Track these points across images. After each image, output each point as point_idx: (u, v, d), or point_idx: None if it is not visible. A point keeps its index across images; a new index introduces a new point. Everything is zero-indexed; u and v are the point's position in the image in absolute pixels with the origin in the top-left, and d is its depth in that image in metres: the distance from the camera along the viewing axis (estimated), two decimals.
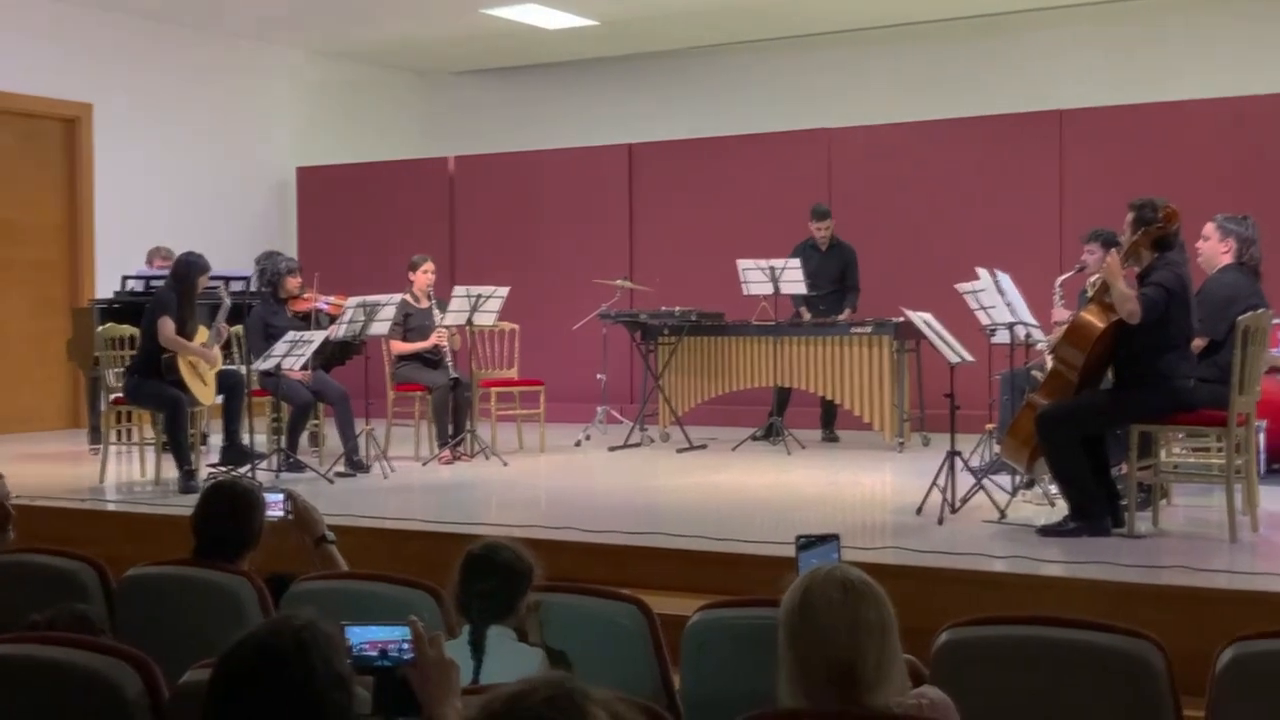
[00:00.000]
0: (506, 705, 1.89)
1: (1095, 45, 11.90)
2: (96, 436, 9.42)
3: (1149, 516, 6.21)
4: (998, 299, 7.25)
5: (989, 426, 7.89)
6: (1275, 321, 7.28)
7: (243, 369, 8.49)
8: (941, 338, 6.97)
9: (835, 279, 10.03)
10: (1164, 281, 5.89)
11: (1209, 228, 6.76)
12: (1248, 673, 3.05)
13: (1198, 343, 6.23)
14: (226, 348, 8.83)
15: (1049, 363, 6.66)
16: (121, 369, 8.55)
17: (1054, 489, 6.49)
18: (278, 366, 8.10)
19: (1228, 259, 6.66)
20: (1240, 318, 6.01)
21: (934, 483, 6.58)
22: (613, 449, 9.58)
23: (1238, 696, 3.05)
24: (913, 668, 3.12)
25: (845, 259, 10.05)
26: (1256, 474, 6.31)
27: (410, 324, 9.19)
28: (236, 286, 9.61)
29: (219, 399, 8.30)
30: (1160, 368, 5.94)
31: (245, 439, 8.28)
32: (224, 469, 8.08)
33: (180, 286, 8.01)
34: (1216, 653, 3.10)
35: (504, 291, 9.11)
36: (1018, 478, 6.84)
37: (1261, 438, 7.20)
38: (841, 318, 9.69)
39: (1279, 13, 11.27)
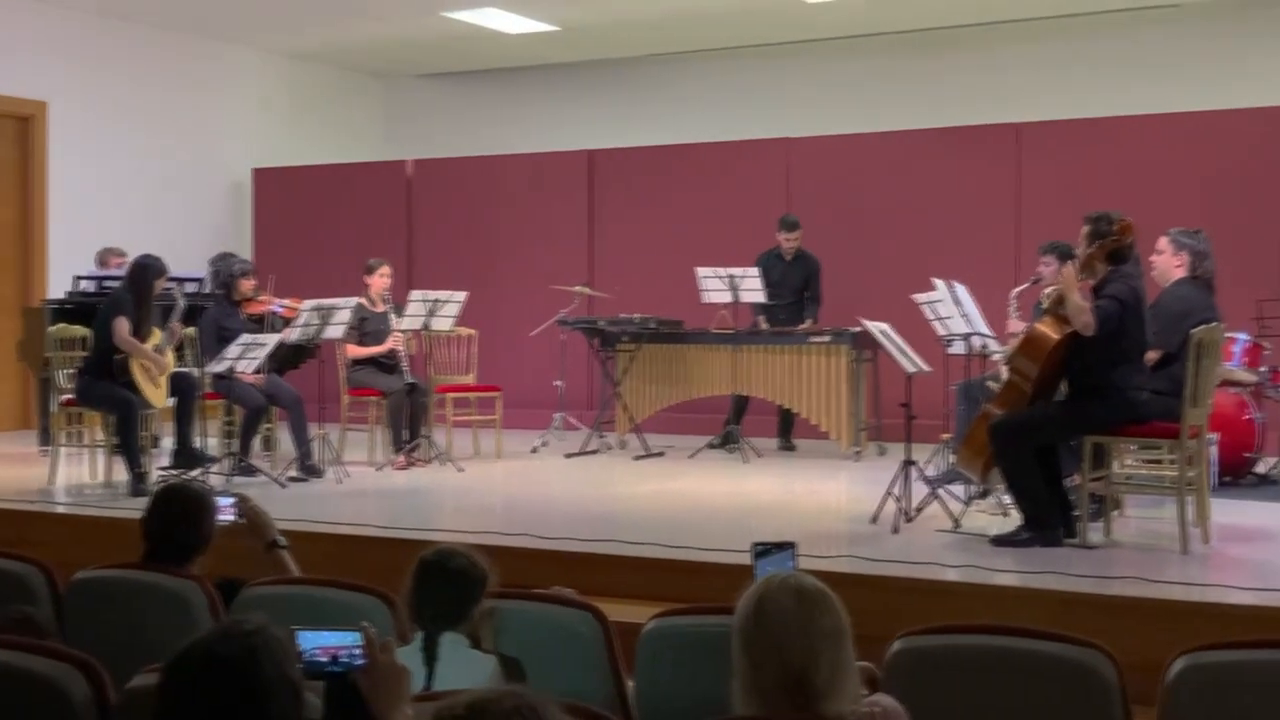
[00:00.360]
0: (469, 711, 1.88)
1: (1052, 60, 11.99)
2: (46, 438, 9.31)
3: (1101, 527, 6.25)
4: (954, 310, 7.29)
5: (944, 436, 7.92)
6: (1228, 335, 7.36)
7: (195, 371, 8.42)
8: (898, 348, 7.00)
9: (798, 289, 10.05)
10: (1118, 294, 5.93)
11: (1162, 242, 6.83)
12: (1198, 683, 3.07)
13: (1151, 355, 6.28)
14: (179, 349, 8.76)
15: (1004, 374, 6.70)
16: (73, 370, 8.46)
17: (1008, 499, 6.52)
18: (231, 369, 8.04)
19: (1181, 273, 6.73)
20: (1193, 331, 6.06)
21: (889, 492, 6.61)
22: (569, 456, 9.56)
23: (1188, 707, 3.07)
24: (869, 674, 3.12)
25: (809, 270, 10.07)
26: (1208, 486, 6.35)
27: (366, 328, 9.14)
28: (190, 288, 9.55)
29: (171, 402, 8.23)
30: (1114, 380, 5.98)
31: (197, 442, 8.21)
32: (175, 472, 8.00)
33: (136, 288, 7.94)
34: (1167, 663, 3.12)
35: (461, 296, 9.08)
36: (972, 487, 6.87)
37: (1213, 450, 7.26)
38: (803, 328, 9.71)
39: (1233, 30, 11.40)
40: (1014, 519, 6.24)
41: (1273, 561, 6.11)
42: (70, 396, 8.34)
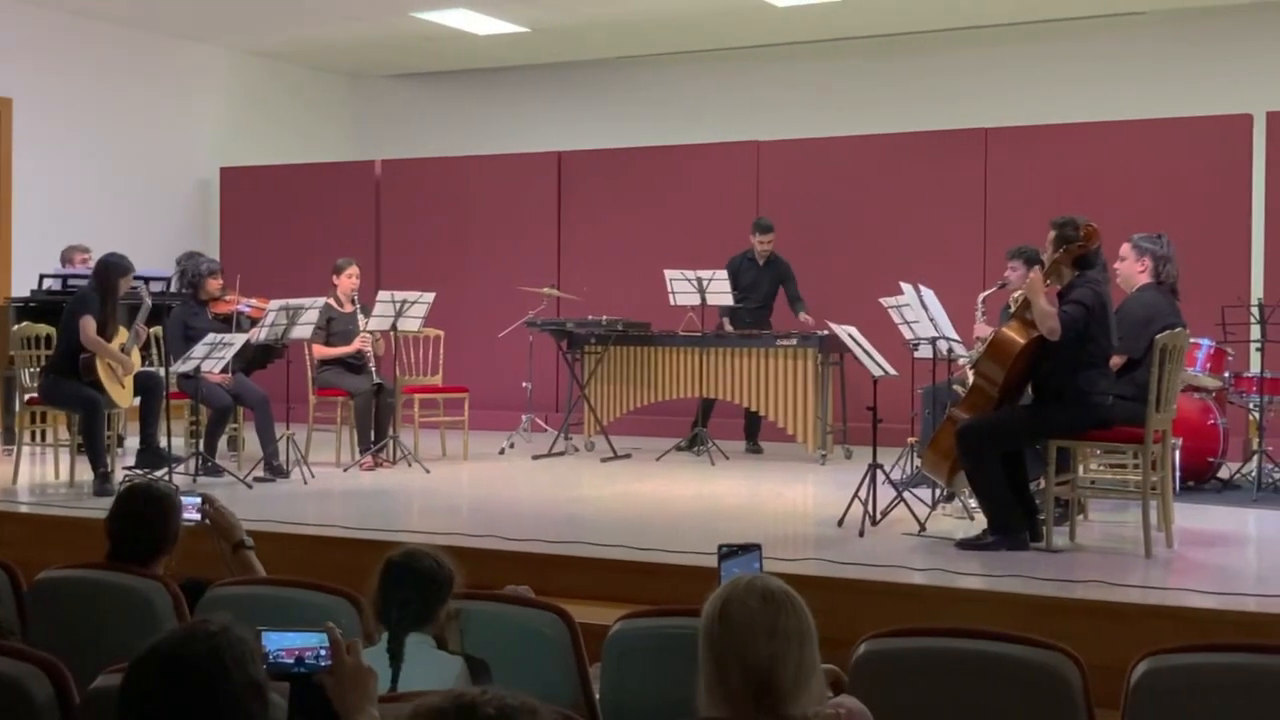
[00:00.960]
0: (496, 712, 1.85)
1: (1020, 65, 12.06)
2: (10, 437, 9.23)
3: (1066, 531, 6.29)
4: (921, 313, 7.31)
5: (910, 440, 7.95)
6: (1192, 341, 7.42)
7: (161, 371, 8.37)
8: (865, 351, 7.01)
9: (769, 293, 10.07)
10: (1084, 299, 5.97)
11: (1125, 248, 6.88)
12: (1161, 686, 3.09)
13: (1116, 360, 6.32)
14: (145, 349, 8.71)
15: (970, 377, 6.73)
16: (37, 368, 8.40)
17: (973, 503, 6.55)
18: (197, 369, 7.99)
19: (1145, 278, 6.78)
20: (1158, 336, 6.11)
21: (855, 495, 6.62)
22: (537, 457, 9.54)
23: (1151, 709, 3.09)
24: (834, 676, 3.13)
25: (781, 273, 10.09)
26: (1172, 491, 6.40)
27: (333, 328, 9.11)
28: (157, 287, 9.49)
29: (136, 401, 8.18)
30: (1079, 384, 6.02)
31: (162, 442, 8.17)
32: (140, 472, 7.96)
33: (102, 287, 7.89)
34: (1131, 666, 3.14)
35: (429, 297, 9.05)
36: (938, 491, 6.90)
37: (1177, 455, 7.31)
38: (803, 320, 9.72)
39: (1197, 37, 11.48)
40: (979, 522, 6.26)
41: (1235, 565, 6.17)
42: (35, 395, 8.28)
